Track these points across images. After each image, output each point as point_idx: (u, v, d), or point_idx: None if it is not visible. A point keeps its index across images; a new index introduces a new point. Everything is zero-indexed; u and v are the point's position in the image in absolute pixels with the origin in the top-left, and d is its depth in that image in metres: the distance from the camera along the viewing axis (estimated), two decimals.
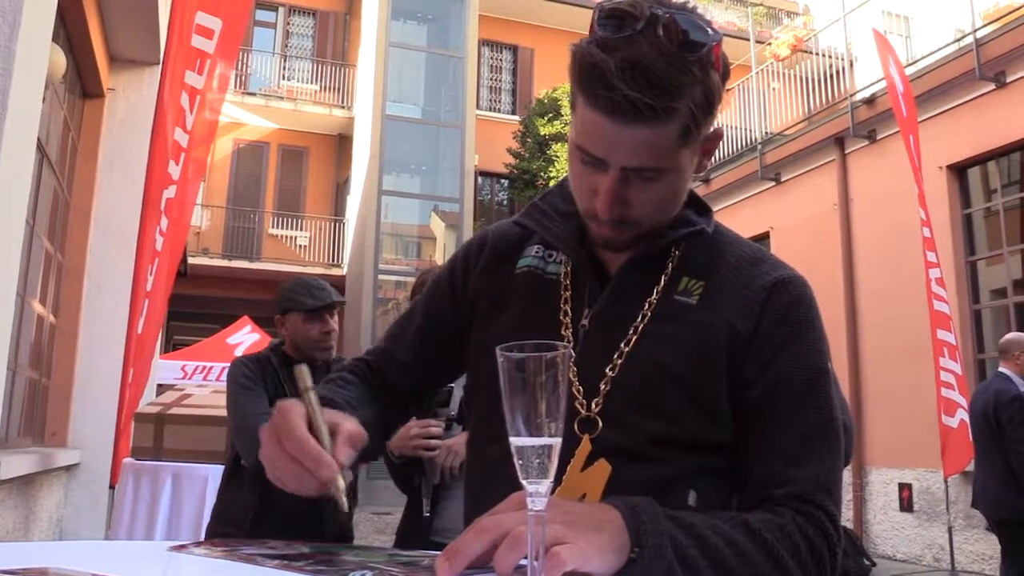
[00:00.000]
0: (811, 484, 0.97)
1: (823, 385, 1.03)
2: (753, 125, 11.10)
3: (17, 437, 4.79)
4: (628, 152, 0.96)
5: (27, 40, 2.13)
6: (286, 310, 2.71)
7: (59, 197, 5.34)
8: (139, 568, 0.73)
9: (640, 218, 1.03)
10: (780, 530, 0.93)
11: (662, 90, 0.91)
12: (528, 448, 0.64)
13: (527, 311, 1.11)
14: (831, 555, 0.96)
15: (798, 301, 1.05)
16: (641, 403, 1.01)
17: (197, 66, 4.86)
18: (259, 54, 18.23)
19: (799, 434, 1.00)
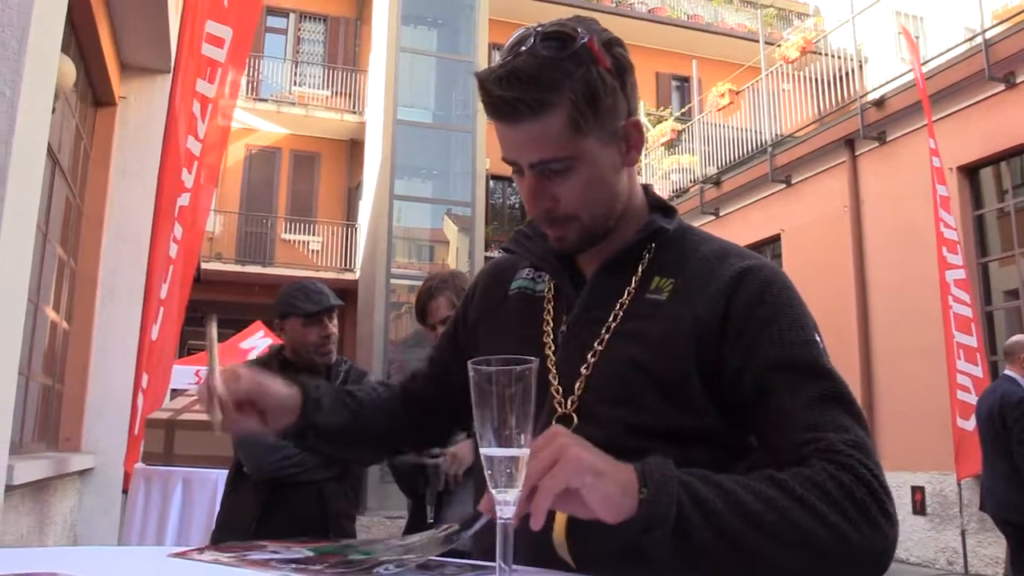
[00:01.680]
0: (837, 440, 0.96)
1: (817, 357, 1.04)
2: (763, 127, 11.08)
3: (31, 442, 4.83)
4: (526, 148, 1.06)
5: (36, 52, 2.16)
6: (285, 315, 2.74)
7: (72, 204, 5.39)
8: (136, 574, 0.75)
9: (572, 211, 1.09)
10: (809, 480, 0.91)
11: (532, 86, 1.01)
12: (497, 458, 0.66)
13: (516, 327, 1.19)
14: (879, 506, 0.92)
15: (768, 284, 1.07)
16: (613, 397, 1.06)
17: (208, 74, 4.91)
18: (270, 60, 18.32)
19: (808, 403, 1.00)
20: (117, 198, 5.93)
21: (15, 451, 4.33)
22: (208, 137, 5.03)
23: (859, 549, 0.89)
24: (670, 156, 13.62)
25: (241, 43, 5.23)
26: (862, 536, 0.89)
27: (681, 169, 13.17)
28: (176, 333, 4.99)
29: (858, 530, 0.89)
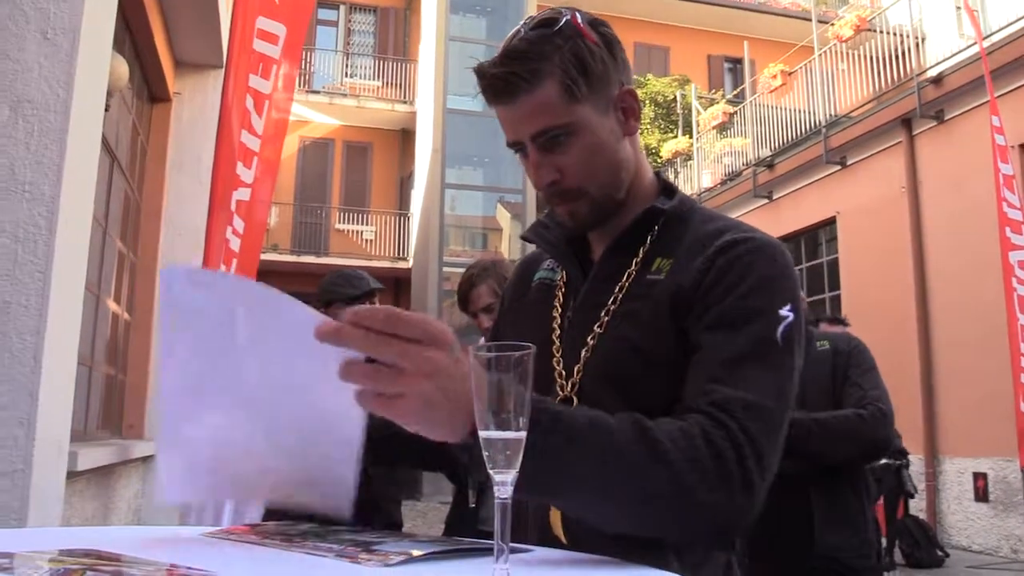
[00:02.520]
0: (731, 398, 0.95)
1: (763, 324, 1.01)
2: (817, 108, 10.86)
3: (96, 430, 5.00)
4: (525, 122, 1.09)
5: (87, 53, 2.23)
6: (328, 302, 2.79)
7: (130, 199, 5.54)
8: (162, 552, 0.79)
9: (576, 183, 1.12)
10: (679, 431, 0.91)
11: (521, 60, 1.06)
12: (495, 441, 0.69)
13: (533, 315, 1.23)
14: (742, 474, 0.90)
15: (744, 255, 1.06)
16: (609, 377, 1.08)
17: (260, 70, 5.00)
18: (322, 52, 18.54)
19: (726, 357, 0.99)
20: (173, 192, 6.07)
21: (80, 438, 4.49)
22: (264, 131, 5.12)
23: (708, 510, 0.89)
24: (722, 139, 13.44)
25: (295, 39, 5.31)
26: (714, 499, 0.89)
27: (733, 152, 12.99)
28: None
29: (712, 491, 0.89)
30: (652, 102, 16.21)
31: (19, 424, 2.05)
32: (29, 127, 2.14)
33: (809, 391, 2.28)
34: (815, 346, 2.37)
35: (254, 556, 0.67)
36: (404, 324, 0.78)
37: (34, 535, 0.83)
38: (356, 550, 0.80)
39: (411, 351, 0.77)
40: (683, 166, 14.81)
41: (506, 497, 0.68)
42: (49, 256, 2.13)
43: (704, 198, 13.28)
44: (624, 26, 19.15)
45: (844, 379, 2.29)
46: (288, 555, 0.81)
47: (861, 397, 2.23)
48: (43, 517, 2.14)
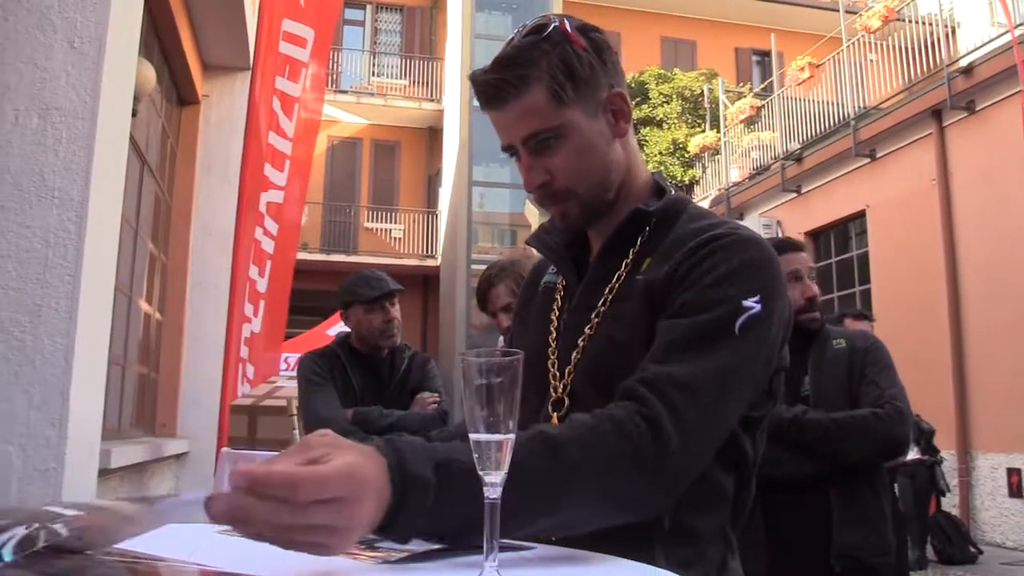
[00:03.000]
0: (662, 374, 0.96)
1: (721, 313, 1.01)
2: (846, 100, 10.75)
3: (129, 428, 5.09)
4: (515, 126, 1.13)
5: (113, 60, 2.28)
6: (348, 304, 2.84)
7: (160, 200, 5.63)
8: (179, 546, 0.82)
9: (566, 184, 1.14)
10: (591, 430, 0.91)
11: (510, 66, 1.10)
12: (484, 443, 0.71)
13: (535, 319, 1.26)
14: (656, 451, 0.91)
15: (717, 249, 1.06)
16: (596, 378, 1.10)
17: (287, 72, 5.06)
18: (349, 52, 18.66)
19: (672, 339, 1.00)
20: (203, 193, 6.16)
21: (114, 436, 4.58)
22: (295, 133, 5.19)
23: (617, 497, 0.90)
24: (750, 133, 13.34)
25: (322, 41, 5.37)
26: (637, 486, 0.91)
27: (761, 146, 12.89)
28: (281, 324, 5.20)
29: (627, 481, 0.90)
30: (679, 96, 16.12)
31: (51, 424, 2.11)
32: (58, 134, 2.19)
33: (826, 390, 2.27)
34: (831, 345, 2.35)
35: (263, 552, 0.70)
36: (315, 488, 0.71)
37: None
38: (360, 547, 0.83)
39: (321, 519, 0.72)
40: (711, 160, 14.72)
41: (495, 498, 0.70)
42: (78, 260, 2.18)
43: (732, 193, 13.21)
44: (650, 20, 19.08)
45: (861, 377, 2.27)
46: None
47: (878, 396, 2.21)
48: None
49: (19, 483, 2.06)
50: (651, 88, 16.29)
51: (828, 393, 2.26)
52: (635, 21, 18.95)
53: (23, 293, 2.12)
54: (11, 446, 2.07)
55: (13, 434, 2.07)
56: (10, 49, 2.18)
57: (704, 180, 14.97)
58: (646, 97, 16.30)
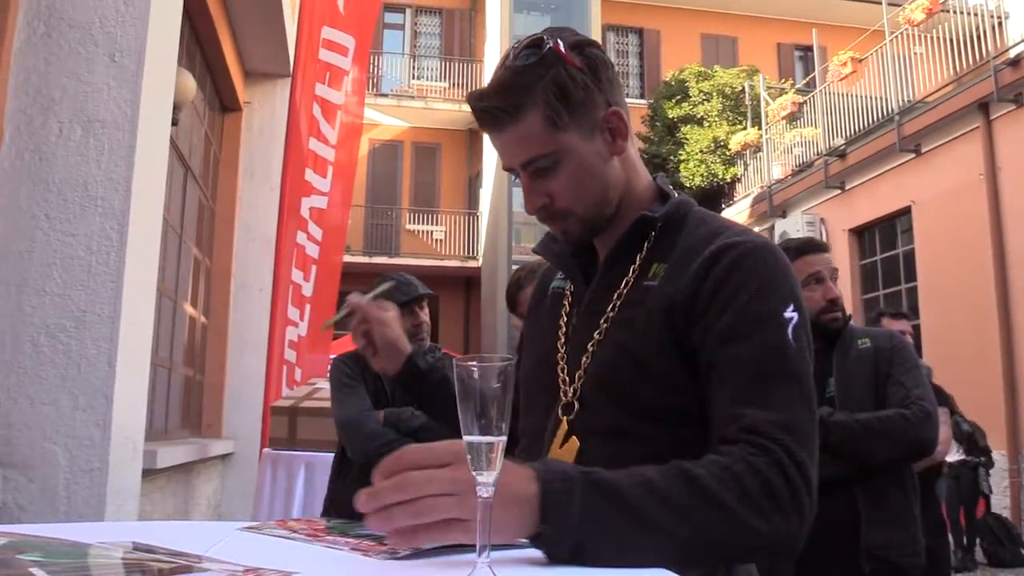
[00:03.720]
0: (764, 421, 0.98)
1: (772, 330, 1.03)
2: (889, 94, 10.58)
3: (176, 429, 5.21)
4: (514, 151, 1.14)
5: (152, 73, 2.36)
6: None
7: (204, 206, 5.75)
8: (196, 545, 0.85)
9: (567, 205, 1.16)
10: (724, 469, 0.94)
11: (505, 94, 1.11)
12: (477, 445, 0.74)
13: (544, 324, 1.28)
14: (792, 495, 0.95)
15: (739, 261, 1.08)
16: (606, 384, 1.11)
17: (328, 79, 5.14)
18: (389, 56, 18.82)
19: (747, 375, 1.01)
20: (246, 198, 6.28)
21: (160, 437, 4.69)
22: (338, 138, 5.27)
23: (766, 537, 0.93)
24: (792, 129, 13.19)
25: (363, 47, 5.45)
26: (771, 526, 0.93)
27: (804, 142, 12.73)
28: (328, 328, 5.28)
29: (767, 520, 0.93)
30: (719, 94, 15.99)
31: (96, 425, 2.18)
32: (100, 145, 2.27)
33: (851, 389, 2.25)
34: (856, 345, 2.33)
35: (280, 548, 0.73)
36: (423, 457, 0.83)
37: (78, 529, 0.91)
38: (370, 544, 0.86)
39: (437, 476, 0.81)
40: (752, 158, 14.59)
41: (488, 496, 0.73)
42: (120, 266, 2.26)
43: (775, 190, 13.07)
44: (691, 17, 18.95)
45: (887, 377, 2.25)
46: (310, 547, 0.87)
47: (904, 396, 2.19)
48: (119, 512, 2.27)
49: (66, 482, 2.14)
50: (691, 86, 16.17)
51: (854, 394, 2.24)
52: (675, 19, 18.85)
53: (68, 299, 2.20)
54: (58, 446, 2.15)
55: (59, 435, 2.15)
56: (55, 64, 2.27)
57: (746, 178, 14.83)
58: (686, 95, 16.19)
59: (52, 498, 2.13)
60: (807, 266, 2.31)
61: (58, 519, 2.10)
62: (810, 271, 2.31)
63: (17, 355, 2.16)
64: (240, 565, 0.69)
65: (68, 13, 2.29)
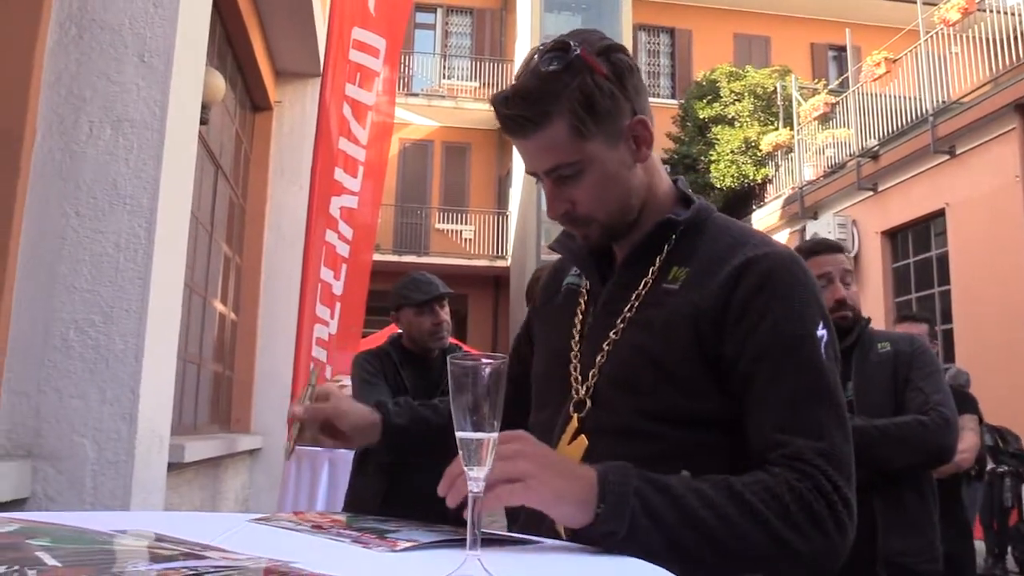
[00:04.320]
0: (805, 448, 1.01)
1: (807, 350, 1.07)
2: (924, 95, 10.44)
3: (205, 424, 5.29)
4: (539, 158, 1.15)
5: (180, 73, 2.40)
6: (399, 306, 2.93)
7: (235, 204, 5.82)
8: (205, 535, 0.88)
9: (589, 212, 1.17)
10: (767, 491, 0.98)
11: (533, 102, 1.10)
12: (469, 440, 0.75)
13: (558, 320, 1.28)
14: (833, 518, 0.99)
15: (769, 275, 1.10)
16: (622, 383, 1.13)
17: (358, 80, 5.18)
18: (420, 56, 18.90)
19: (784, 400, 1.05)
20: (276, 197, 6.35)
21: (189, 432, 4.76)
22: (368, 138, 5.31)
23: (806, 556, 0.98)
24: (824, 130, 13.06)
25: (394, 48, 5.49)
26: (811, 546, 0.98)
27: (836, 144, 12.61)
28: (358, 324, 5.33)
29: (808, 542, 0.97)
30: (751, 94, 15.87)
31: (122, 419, 2.23)
32: (129, 144, 2.31)
33: (870, 394, 2.23)
34: (876, 349, 2.31)
35: (284, 539, 0.75)
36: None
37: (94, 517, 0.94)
38: (371, 537, 0.88)
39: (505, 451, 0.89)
40: (784, 159, 14.47)
41: (478, 491, 0.75)
42: (148, 263, 2.30)
43: (806, 191, 12.96)
44: (723, 17, 18.84)
45: (906, 382, 2.23)
46: (314, 539, 0.90)
47: (923, 402, 2.17)
48: (145, 504, 2.31)
49: (93, 474, 2.19)
50: (722, 86, 16.07)
51: (872, 399, 2.22)
52: (707, 18, 18.74)
53: (97, 295, 2.25)
54: (85, 439, 2.19)
55: (87, 427, 2.20)
56: (86, 65, 2.32)
57: (777, 179, 14.71)
58: (717, 95, 16.09)
59: (80, 489, 2.17)
60: (817, 267, 2.31)
61: (84, 510, 2.15)
62: (818, 272, 2.30)
63: (47, 349, 2.21)
64: (242, 554, 0.71)
65: (99, 15, 2.33)
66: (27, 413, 2.18)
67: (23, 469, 2.12)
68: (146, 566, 0.62)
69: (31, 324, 2.21)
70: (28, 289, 2.22)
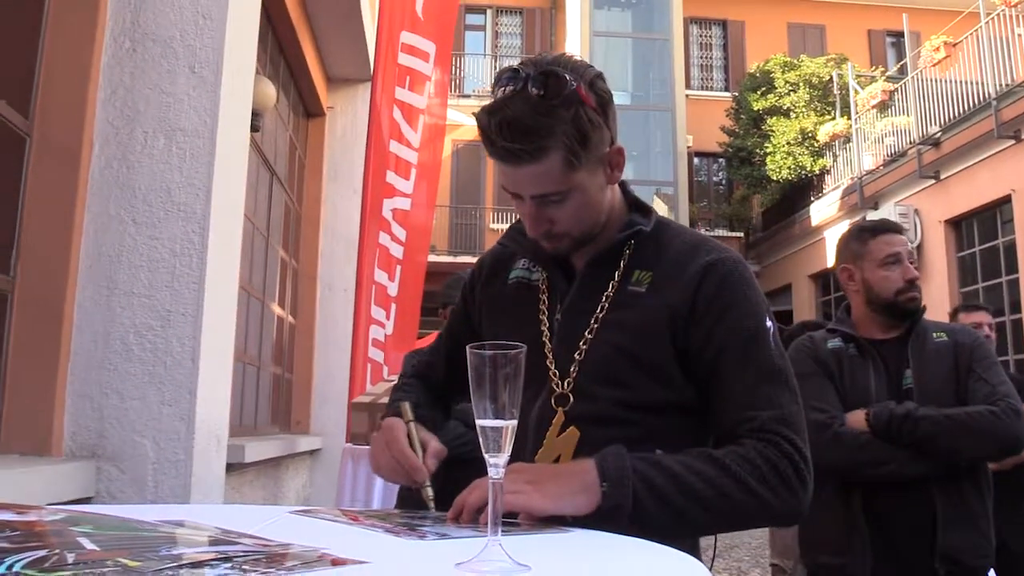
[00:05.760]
0: (769, 419, 1.16)
1: (762, 341, 1.21)
2: (986, 79, 10.15)
3: (266, 425, 5.40)
4: (528, 185, 1.21)
5: (229, 83, 2.46)
6: (445, 305, 2.97)
7: (290, 209, 5.94)
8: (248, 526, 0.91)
9: (565, 231, 1.26)
10: (742, 457, 1.12)
11: (531, 136, 1.14)
12: (491, 428, 0.77)
13: (517, 312, 1.36)
14: (798, 476, 1.13)
15: (726, 278, 1.23)
16: (602, 377, 1.23)
17: (408, 83, 5.24)
18: (471, 57, 18.99)
19: (748, 384, 1.19)
20: (330, 201, 6.46)
21: (249, 433, 4.88)
22: (421, 140, 5.37)
23: (778, 511, 1.14)
24: (883, 118, 12.78)
25: (443, 51, 5.55)
26: (781, 501, 1.12)
27: (896, 132, 12.33)
28: (413, 325, 5.41)
29: (778, 496, 1.12)
30: (806, 84, 15.61)
31: (181, 419, 2.30)
32: (182, 153, 2.38)
33: (931, 384, 2.18)
34: (932, 337, 2.26)
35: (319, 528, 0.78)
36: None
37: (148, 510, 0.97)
38: (402, 528, 0.91)
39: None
40: (842, 149, 14.20)
41: (498, 478, 0.77)
42: (203, 268, 2.37)
43: (865, 181, 12.71)
44: (776, 7, 18.56)
45: (968, 373, 2.17)
46: (349, 528, 0.93)
47: (990, 393, 2.12)
48: (205, 502, 2.38)
49: (154, 472, 2.26)
50: (777, 77, 15.84)
51: (933, 388, 2.18)
52: (760, 8, 18.49)
53: (154, 300, 2.32)
54: (146, 439, 2.27)
55: (148, 428, 2.27)
56: (139, 78, 2.39)
57: (835, 169, 14.45)
58: (772, 86, 15.86)
59: (141, 488, 2.25)
60: (887, 246, 2.27)
61: None
62: (889, 251, 2.26)
63: (108, 353, 2.29)
64: (274, 540, 0.74)
65: (151, 28, 2.41)
66: (90, 415, 2.26)
67: (88, 469, 2.20)
68: (179, 550, 0.65)
69: (92, 330, 2.29)
70: (89, 296, 2.30)
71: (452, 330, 1.57)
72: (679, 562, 0.83)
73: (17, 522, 0.72)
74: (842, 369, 2.24)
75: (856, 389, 2.21)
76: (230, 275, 2.66)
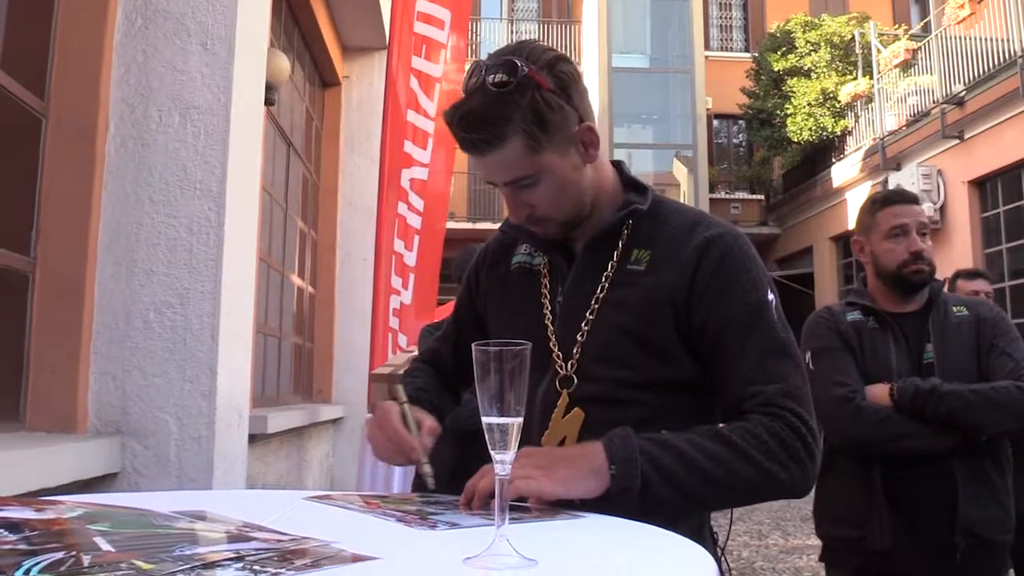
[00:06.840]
0: (775, 393, 1.17)
1: (765, 314, 1.22)
2: (1012, 36, 9.94)
3: (288, 395, 5.46)
4: (497, 172, 1.23)
5: (242, 58, 2.46)
6: (459, 277, 2.97)
7: (308, 180, 5.94)
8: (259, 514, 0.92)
9: (548, 214, 1.27)
10: (749, 433, 1.14)
11: (488, 125, 1.17)
12: (495, 425, 0.77)
13: (519, 299, 1.38)
14: (805, 449, 1.15)
15: (727, 254, 1.24)
16: (605, 357, 1.24)
17: (424, 52, 5.20)
18: (487, 22, 18.82)
19: (753, 359, 1.20)
20: (348, 171, 6.45)
21: (272, 403, 4.93)
22: (438, 107, 5.35)
23: (787, 484, 1.14)
24: (906, 77, 12.57)
25: (460, 18, 5.49)
26: (790, 475, 1.14)
27: (919, 91, 12.12)
28: (432, 293, 5.43)
29: (787, 470, 1.14)
30: (828, 43, 15.34)
31: (202, 396, 2.33)
32: (196, 130, 2.39)
33: (953, 358, 2.15)
34: (952, 311, 2.24)
35: (334, 517, 0.79)
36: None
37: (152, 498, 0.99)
38: (414, 517, 0.92)
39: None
40: (864, 109, 13.99)
41: (504, 474, 0.77)
42: (220, 245, 2.38)
43: (888, 142, 12.54)
44: None
45: (991, 347, 2.15)
46: (362, 516, 0.94)
47: (1014, 368, 2.10)
48: (227, 476, 2.42)
49: (177, 448, 2.29)
50: (797, 36, 15.58)
51: (956, 363, 2.16)
52: None
53: (173, 278, 2.34)
54: (169, 416, 2.30)
55: (170, 405, 2.30)
56: (153, 56, 2.39)
57: (857, 130, 14.25)
58: (792, 47, 15.61)
59: (165, 464, 2.28)
60: (893, 217, 2.24)
61: (171, 484, 2.26)
62: (895, 222, 2.23)
63: (129, 331, 2.32)
64: (288, 534, 0.75)
65: (163, 5, 2.40)
66: (114, 393, 2.30)
67: (113, 446, 2.24)
68: (191, 549, 0.67)
69: (113, 308, 2.32)
70: (109, 275, 2.33)
71: (458, 317, 1.58)
72: (686, 552, 0.83)
73: (36, 521, 0.74)
74: (863, 343, 2.22)
75: (878, 363, 2.20)
76: (247, 251, 2.68)
